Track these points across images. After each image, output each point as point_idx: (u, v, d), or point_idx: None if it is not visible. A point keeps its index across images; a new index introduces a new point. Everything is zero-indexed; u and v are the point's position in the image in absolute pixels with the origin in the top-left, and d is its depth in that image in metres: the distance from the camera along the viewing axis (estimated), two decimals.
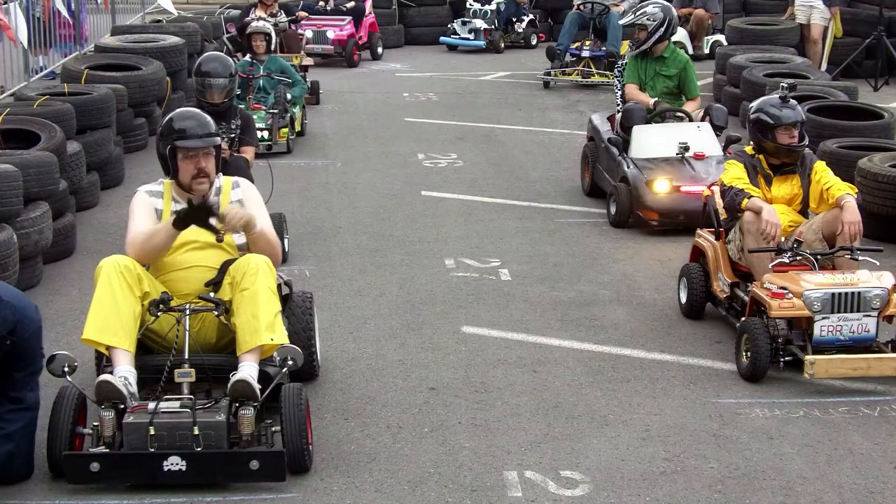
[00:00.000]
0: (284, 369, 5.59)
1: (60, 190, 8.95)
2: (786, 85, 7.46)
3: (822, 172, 7.26)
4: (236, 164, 8.26)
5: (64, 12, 14.15)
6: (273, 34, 13.01)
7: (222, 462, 5.33)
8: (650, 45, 10.45)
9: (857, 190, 7.24)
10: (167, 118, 6.07)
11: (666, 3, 10.65)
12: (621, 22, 14.00)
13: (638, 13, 10.60)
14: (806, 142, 7.29)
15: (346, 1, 18.63)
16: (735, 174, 7.24)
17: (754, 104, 7.44)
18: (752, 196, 7.05)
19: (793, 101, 7.33)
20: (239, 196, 6.14)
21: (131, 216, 6.00)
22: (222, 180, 6.15)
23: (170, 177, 6.06)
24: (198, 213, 5.67)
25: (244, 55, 12.94)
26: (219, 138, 6.10)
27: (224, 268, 5.86)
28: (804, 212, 7.42)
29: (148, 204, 6.03)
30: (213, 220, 5.68)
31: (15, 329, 5.37)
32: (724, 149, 9.84)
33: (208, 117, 6.10)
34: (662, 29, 10.40)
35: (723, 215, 7.51)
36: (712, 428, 6.10)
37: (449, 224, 9.92)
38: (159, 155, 6.08)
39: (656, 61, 10.53)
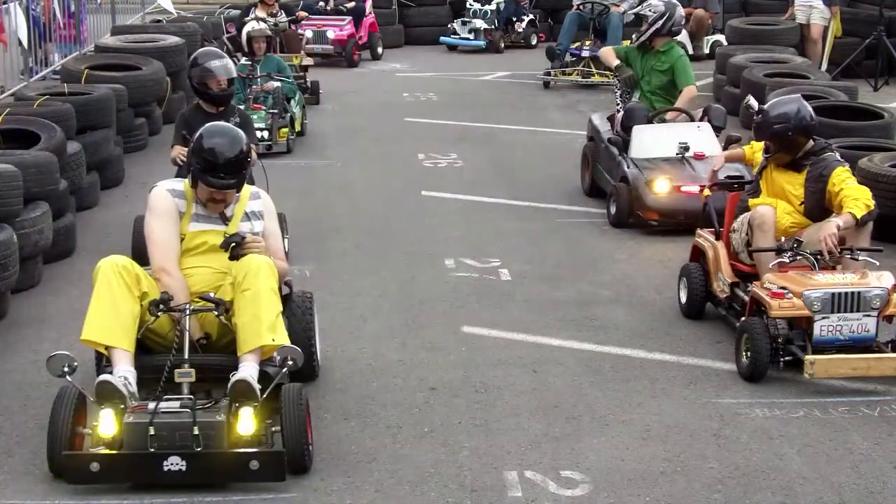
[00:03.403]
0: (284, 369, 5.59)
1: (60, 190, 8.94)
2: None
3: (839, 178, 7.08)
4: None
5: (59, 18, 14.15)
6: (272, 35, 13.02)
7: (222, 462, 5.34)
8: (648, 37, 10.46)
9: (871, 206, 6.93)
10: (198, 134, 5.94)
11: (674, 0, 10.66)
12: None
13: (644, 5, 10.68)
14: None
15: (347, 1, 18.62)
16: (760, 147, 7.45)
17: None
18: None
19: None
20: (259, 207, 6.11)
21: (154, 217, 5.92)
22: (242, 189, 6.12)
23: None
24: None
25: (244, 55, 12.93)
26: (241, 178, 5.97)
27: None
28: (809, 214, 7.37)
29: (171, 207, 5.93)
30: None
31: None
32: (724, 149, 9.82)
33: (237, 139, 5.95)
34: (661, 21, 10.40)
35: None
36: (712, 428, 6.10)
37: (449, 224, 9.91)
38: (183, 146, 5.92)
39: (654, 56, 10.53)
